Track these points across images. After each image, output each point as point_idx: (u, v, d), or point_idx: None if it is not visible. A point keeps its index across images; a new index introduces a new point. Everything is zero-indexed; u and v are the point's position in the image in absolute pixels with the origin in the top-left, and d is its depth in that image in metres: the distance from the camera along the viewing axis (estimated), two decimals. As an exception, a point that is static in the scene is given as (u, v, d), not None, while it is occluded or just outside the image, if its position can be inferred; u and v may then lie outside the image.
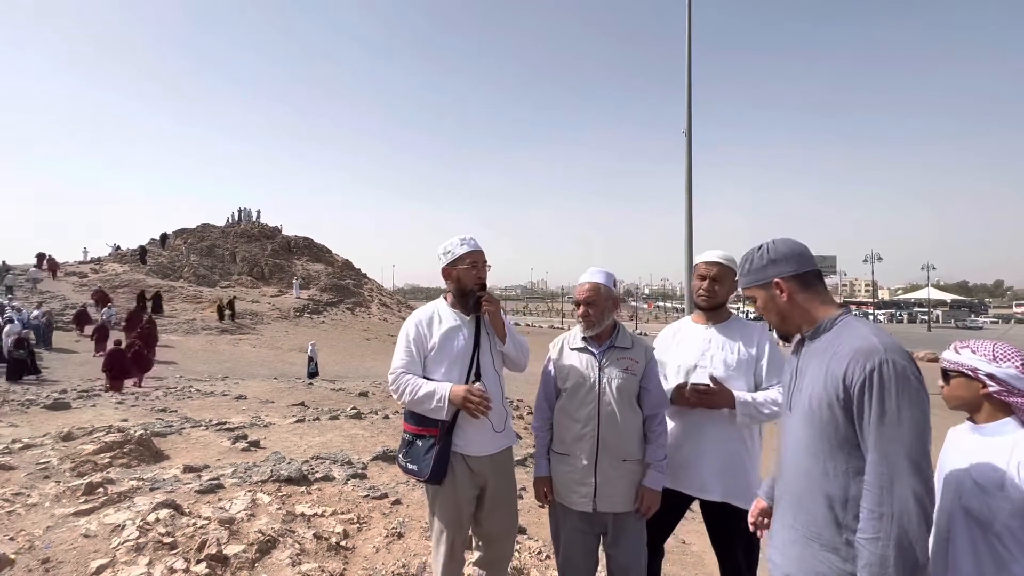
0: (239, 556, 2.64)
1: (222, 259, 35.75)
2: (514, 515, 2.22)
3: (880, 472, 1.14)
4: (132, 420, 6.69)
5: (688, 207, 9.72)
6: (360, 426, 6.86)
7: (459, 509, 2.07)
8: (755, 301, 1.47)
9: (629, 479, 2.00)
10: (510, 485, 2.20)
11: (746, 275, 1.47)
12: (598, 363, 2.06)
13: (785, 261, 1.39)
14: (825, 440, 1.26)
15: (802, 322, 1.39)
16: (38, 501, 3.30)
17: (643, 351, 2.08)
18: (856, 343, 1.23)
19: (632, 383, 2.02)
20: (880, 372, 1.16)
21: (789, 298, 1.38)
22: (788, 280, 1.38)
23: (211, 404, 8.86)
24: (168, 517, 2.92)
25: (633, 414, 2.02)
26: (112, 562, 2.50)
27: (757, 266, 1.43)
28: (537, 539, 3.38)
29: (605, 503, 1.99)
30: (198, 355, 17.73)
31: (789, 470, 1.38)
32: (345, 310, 32.51)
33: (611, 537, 2.03)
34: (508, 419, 2.22)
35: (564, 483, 2.07)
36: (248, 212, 45.04)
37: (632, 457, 2.01)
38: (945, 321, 60.27)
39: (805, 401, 1.32)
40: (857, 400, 1.19)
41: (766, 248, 1.43)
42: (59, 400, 7.84)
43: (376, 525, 3.30)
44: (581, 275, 2.15)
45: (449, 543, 2.07)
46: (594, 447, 2.00)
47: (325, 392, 11.15)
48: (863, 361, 1.18)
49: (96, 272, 28.42)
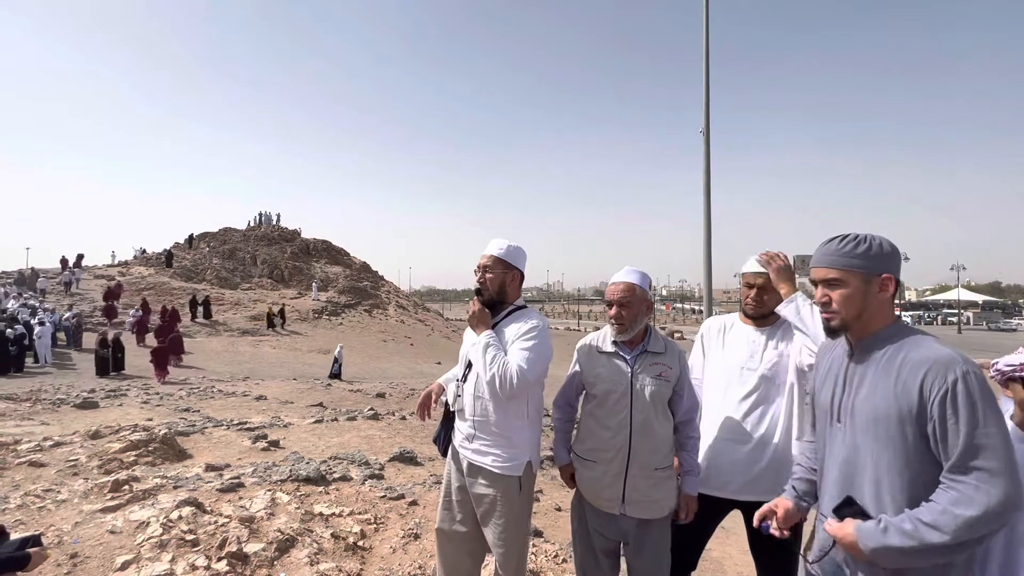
0: (259, 554, 2.68)
1: (243, 262, 36.46)
2: (504, 529, 1.97)
3: (972, 483, 1.10)
4: (157, 419, 6.85)
5: (706, 207, 9.59)
6: (377, 427, 6.91)
7: (450, 502, 2.09)
8: (833, 284, 1.33)
9: (662, 486, 1.93)
10: (504, 504, 2.00)
11: (855, 257, 1.31)
12: (630, 369, 1.94)
13: (897, 260, 1.32)
14: (893, 450, 1.22)
15: (871, 325, 1.32)
16: (67, 497, 3.39)
17: (676, 356, 1.99)
18: (930, 353, 1.19)
19: (665, 389, 1.94)
20: (965, 382, 1.13)
21: (888, 298, 1.31)
22: (894, 280, 1.31)
23: (232, 404, 9.03)
24: (190, 515, 2.98)
25: (666, 421, 1.95)
26: (137, 558, 2.56)
27: (876, 253, 1.30)
28: (554, 542, 3.35)
29: (633, 508, 1.92)
30: (220, 356, 18.11)
31: (846, 480, 1.31)
32: (363, 312, 32.86)
33: (633, 546, 1.95)
34: (478, 438, 2.05)
35: (590, 487, 1.99)
36: (268, 215, 45.91)
37: (663, 465, 1.93)
38: (976, 323, 58.17)
39: (868, 411, 1.27)
40: (939, 411, 1.15)
41: (883, 240, 1.33)
42: (88, 399, 8.08)
43: (393, 526, 3.32)
44: (615, 274, 2.03)
45: (445, 545, 2.09)
46: (625, 456, 1.90)
47: (343, 393, 11.28)
48: (943, 371, 1.16)
49: (123, 275, 29.25)
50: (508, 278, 2.06)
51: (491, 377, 1.86)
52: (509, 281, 2.06)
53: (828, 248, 1.36)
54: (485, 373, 1.89)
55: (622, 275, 2.00)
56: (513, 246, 2.08)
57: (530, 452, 2.00)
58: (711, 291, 10.11)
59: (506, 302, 2.07)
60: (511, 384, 1.83)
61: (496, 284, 2.04)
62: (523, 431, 1.98)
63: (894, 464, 1.21)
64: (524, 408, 1.99)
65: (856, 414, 1.29)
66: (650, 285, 2.03)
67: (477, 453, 1.99)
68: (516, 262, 2.07)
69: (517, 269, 2.08)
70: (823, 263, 1.36)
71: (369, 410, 8.18)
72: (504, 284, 2.05)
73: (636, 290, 1.95)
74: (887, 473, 1.22)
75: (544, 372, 1.96)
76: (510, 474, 1.94)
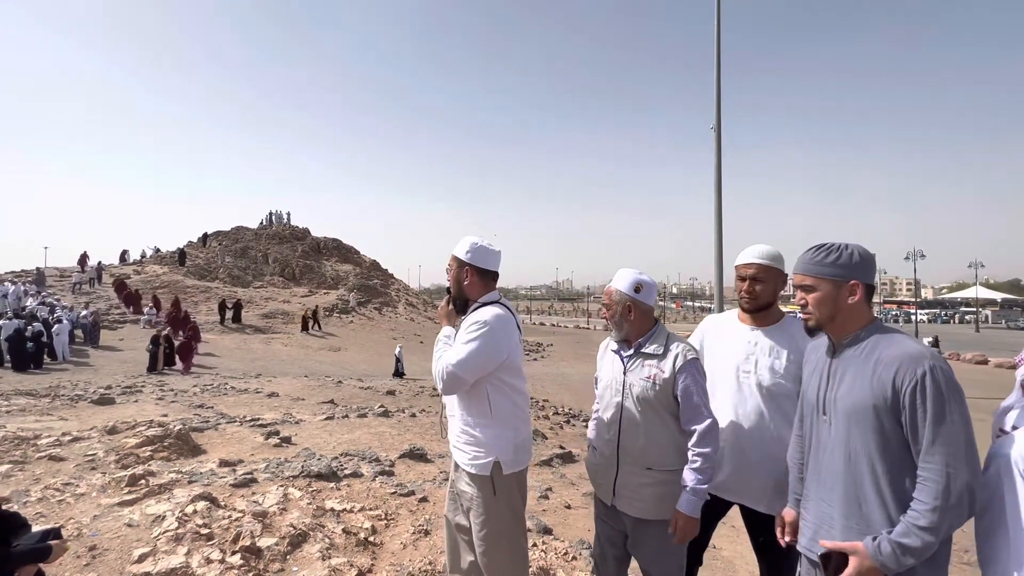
0: (271, 549, 2.71)
1: (255, 260, 36.87)
2: (480, 528, 1.94)
3: (938, 469, 1.23)
4: (172, 415, 6.96)
5: (717, 203, 9.51)
6: (388, 424, 6.95)
7: (453, 493, 2.10)
8: (808, 289, 1.49)
9: (656, 488, 1.91)
10: (480, 504, 1.94)
11: (825, 265, 1.46)
12: (623, 367, 2.02)
13: (868, 268, 1.45)
14: (872, 441, 1.34)
15: (847, 326, 1.46)
16: (86, 491, 3.46)
17: (672, 361, 1.91)
18: (902, 350, 1.31)
19: (655, 393, 1.91)
20: (932, 375, 1.25)
21: (856, 303, 1.44)
22: (863, 286, 1.44)
23: (245, 401, 9.14)
24: (205, 509, 3.02)
25: (661, 424, 1.92)
26: (153, 551, 2.60)
27: (844, 262, 1.44)
28: (563, 540, 3.35)
29: (624, 504, 1.97)
30: (233, 353, 18.35)
31: (833, 473, 1.43)
32: (373, 310, 33.08)
33: (632, 540, 2.01)
34: (454, 435, 2.02)
35: (591, 472, 2.14)
36: (280, 215, 46.38)
37: (660, 467, 1.91)
38: (995, 321, 56.92)
39: (848, 405, 1.39)
40: (909, 403, 1.27)
41: (856, 250, 1.46)
42: (104, 395, 8.23)
43: (403, 522, 3.34)
44: None
45: (448, 532, 2.13)
46: (615, 450, 1.99)
47: (353, 390, 11.36)
48: (913, 366, 1.27)
49: (138, 274, 29.72)
50: (462, 275, 2.04)
51: (434, 373, 1.97)
52: (464, 278, 2.04)
53: (804, 257, 1.52)
54: (433, 369, 1.98)
55: (613, 280, 2.09)
56: (474, 243, 2.04)
57: (497, 452, 1.92)
58: (722, 289, 10.02)
59: (468, 299, 2.05)
60: (441, 380, 1.90)
61: (453, 282, 2.08)
62: (488, 429, 1.93)
63: (876, 452, 1.34)
64: (485, 406, 1.93)
65: (839, 407, 1.42)
66: (637, 288, 1.99)
67: (456, 450, 2.04)
68: (472, 260, 2.04)
69: (470, 266, 2.03)
70: (799, 270, 1.53)
71: (379, 407, 8.24)
72: (460, 281, 2.05)
73: (613, 294, 2.04)
74: (874, 459, 1.34)
75: (480, 369, 1.89)
76: (481, 473, 1.93)
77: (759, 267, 2.02)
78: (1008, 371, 23.80)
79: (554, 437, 7.76)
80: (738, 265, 2.09)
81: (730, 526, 3.91)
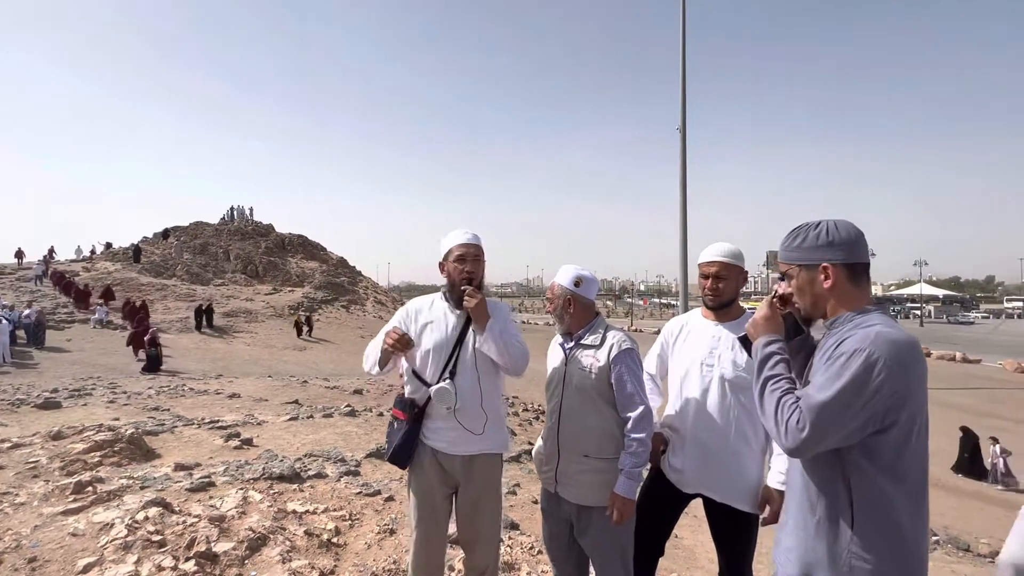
0: (229, 554, 2.63)
1: (215, 257, 35.54)
2: (490, 524, 2.10)
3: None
4: (124, 419, 6.63)
5: (682, 203, 9.75)
6: (354, 423, 6.83)
7: (429, 504, 2.05)
8: (785, 277, 1.38)
9: (594, 476, 1.98)
10: (488, 492, 2.09)
11: (793, 250, 1.34)
12: (565, 357, 2.11)
13: (841, 247, 1.27)
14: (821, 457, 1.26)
15: (833, 312, 1.31)
16: (26, 500, 3.26)
17: (607, 351, 2.00)
18: (860, 334, 1.17)
19: (591, 381, 1.99)
20: (863, 353, 1.13)
21: (832, 286, 1.28)
22: (838, 267, 1.27)
23: (204, 402, 8.80)
24: (157, 515, 2.90)
25: (596, 412, 2.00)
26: (100, 560, 2.48)
27: (810, 245, 1.30)
28: (529, 534, 3.38)
29: (565, 490, 2.04)
30: (191, 353, 17.65)
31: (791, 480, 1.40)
32: (340, 308, 32.40)
33: (577, 528, 2.05)
34: (491, 424, 2.07)
35: (536, 461, 2.21)
36: (241, 210, 44.80)
37: (596, 454, 1.99)
38: (937, 316, 60.74)
39: None
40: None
41: (824, 228, 1.30)
42: (50, 399, 7.76)
43: (368, 522, 3.29)
44: None
45: (420, 538, 2.04)
46: (555, 438, 2.07)
47: (319, 390, 11.11)
48: (855, 345, 1.15)
49: (88, 271, 28.18)
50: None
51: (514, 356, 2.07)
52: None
53: (781, 243, 1.40)
54: (503, 356, 2.02)
55: (556, 275, 2.17)
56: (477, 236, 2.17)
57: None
58: (687, 286, 10.29)
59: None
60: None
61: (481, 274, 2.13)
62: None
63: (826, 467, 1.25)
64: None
65: None
66: (577, 283, 2.08)
67: (485, 437, 2.11)
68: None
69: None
70: (782, 257, 1.40)
71: (346, 407, 8.09)
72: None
73: (556, 288, 2.13)
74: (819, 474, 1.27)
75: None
76: (507, 454, 2.15)
77: (721, 265, 2.08)
78: (947, 363, 25.44)
79: (523, 433, 7.81)
80: (701, 263, 2.15)
81: (692, 516, 4.03)
